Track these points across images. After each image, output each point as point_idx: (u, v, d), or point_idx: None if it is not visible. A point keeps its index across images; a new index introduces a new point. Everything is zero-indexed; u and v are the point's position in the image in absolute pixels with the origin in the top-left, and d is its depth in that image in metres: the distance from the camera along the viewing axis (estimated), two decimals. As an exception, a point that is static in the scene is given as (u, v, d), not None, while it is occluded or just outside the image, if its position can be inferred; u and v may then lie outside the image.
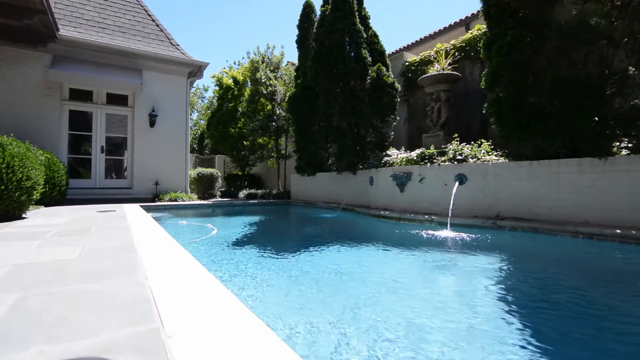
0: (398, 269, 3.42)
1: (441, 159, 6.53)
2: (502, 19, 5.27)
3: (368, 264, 3.63)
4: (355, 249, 4.33)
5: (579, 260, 3.93)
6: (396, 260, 3.77)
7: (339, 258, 3.86)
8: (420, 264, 3.56)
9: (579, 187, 4.97)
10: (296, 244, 4.87)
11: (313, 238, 5.43)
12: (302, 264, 3.56)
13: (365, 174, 8.67)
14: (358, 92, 8.34)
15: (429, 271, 3.31)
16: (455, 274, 3.25)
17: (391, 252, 4.20)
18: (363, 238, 5.36)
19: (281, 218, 8.67)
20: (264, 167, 17.61)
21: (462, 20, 10.80)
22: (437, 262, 3.61)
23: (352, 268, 3.42)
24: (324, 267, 3.43)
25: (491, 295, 2.66)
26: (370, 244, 4.62)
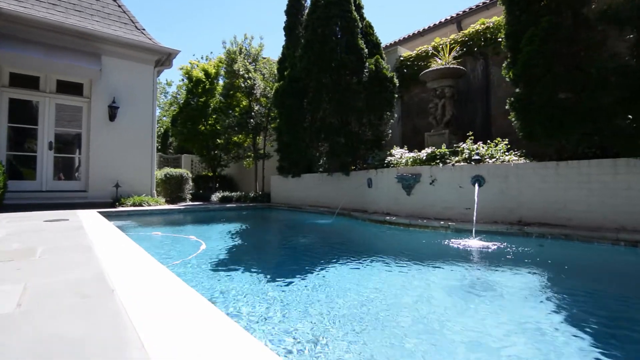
0: (441, 298, 2.62)
1: (455, 159, 5.96)
2: (531, 5, 4.78)
3: (400, 291, 2.80)
4: (371, 267, 3.53)
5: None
6: (432, 283, 3.03)
7: (370, 281, 3.06)
8: (466, 288, 2.83)
9: (613, 189, 4.57)
10: (309, 263, 3.99)
11: (321, 253, 4.58)
12: (322, 293, 2.72)
13: (361, 176, 7.96)
14: (354, 85, 7.62)
15: (484, 301, 2.60)
16: (516, 301, 2.57)
17: (421, 270, 3.45)
18: (376, 251, 4.60)
19: (271, 226, 7.71)
20: (237, 167, 16.39)
21: (452, 17, 10.50)
22: (488, 286, 2.92)
23: (387, 301, 2.63)
24: (361, 299, 2.61)
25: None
26: (388, 259, 3.81)
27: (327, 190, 9.16)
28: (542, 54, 4.47)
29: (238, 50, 11.97)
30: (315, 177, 9.64)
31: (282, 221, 8.14)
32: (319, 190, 9.43)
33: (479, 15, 9.58)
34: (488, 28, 7.42)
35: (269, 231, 6.76)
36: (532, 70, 4.61)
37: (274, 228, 7.12)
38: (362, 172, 7.92)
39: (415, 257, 3.93)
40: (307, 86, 8.37)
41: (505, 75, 5.26)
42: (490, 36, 7.38)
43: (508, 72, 5.22)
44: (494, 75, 7.50)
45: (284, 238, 5.72)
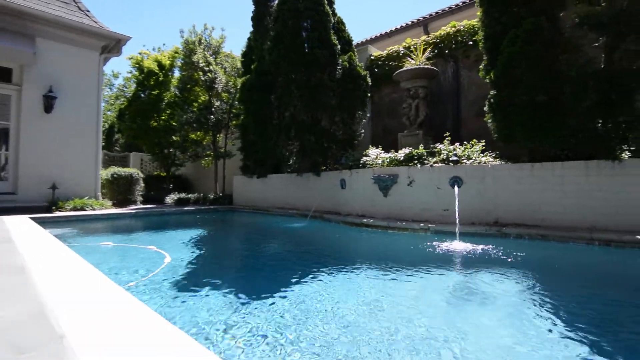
0: (445, 313, 2.36)
1: (432, 160, 5.88)
2: (511, 7, 4.80)
3: (394, 309, 2.42)
4: (360, 276, 3.23)
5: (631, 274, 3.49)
6: (430, 293, 2.80)
7: (359, 295, 2.74)
8: (463, 299, 2.64)
9: (586, 191, 4.72)
10: (289, 274, 3.56)
11: (300, 263, 4.17)
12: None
13: (333, 176, 7.67)
14: (327, 82, 7.31)
15: (498, 314, 2.42)
16: (526, 310, 2.42)
17: (414, 278, 3.21)
18: (359, 258, 4.27)
19: (240, 232, 7.11)
20: (194, 167, 15.33)
21: (419, 20, 10.64)
22: (494, 297, 2.75)
23: (385, 319, 2.33)
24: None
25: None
26: (374, 268, 3.49)
27: (296, 192, 8.75)
28: (524, 55, 4.49)
29: (197, 41, 11.10)
30: (283, 178, 9.18)
31: (251, 226, 7.58)
32: (288, 192, 8.99)
33: (445, 20, 9.80)
34: (459, 31, 7.53)
35: (240, 238, 6.19)
36: (513, 71, 4.63)
37: (244, 234, 6.56)
38: (335, 172, 7.63)
39: (402, 264, 3.67)
40: (276, 81, 7.90)
41: (485, 77, 5.26)
42: (461, 39, 7.49)
43: (487, 73, 5.23)
44: (464, 78, 7.63)
45: (258, 246, 5.21)
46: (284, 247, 5.11)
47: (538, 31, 4.38)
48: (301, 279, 3.11)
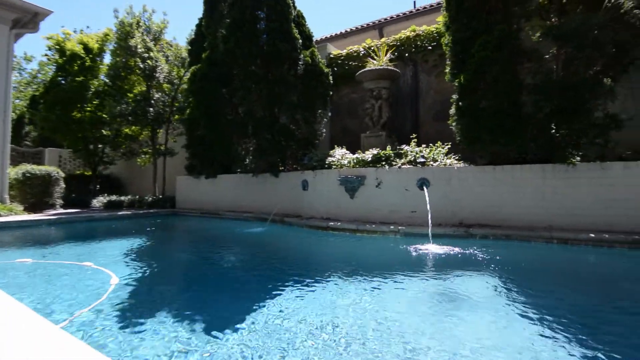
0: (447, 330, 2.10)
1: (400, 162, 5.82)
2: (480, 13, 4.92)
3: (380, 328, 2.07)
4: (337, 287, 2.92)
5: (601, 271, 3.70)
6: (423, 306, 2.63)
7: (347, 311, 2.44)
8: (454, 310, 2.51)
9: (542, 192, 5.01)
10: (268, 285, 3.10)
11: (273, 272, 3.73)
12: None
13: (294, 177, 7.26)
14: (290, 77, 6.88)
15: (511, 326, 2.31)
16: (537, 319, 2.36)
17: (401, 285, 3.03)
18: (332, 264, 4.00)
19: (191, 238, 6.31)
20: (127, 166, 13.68)
21: (375, 23, 10.73)
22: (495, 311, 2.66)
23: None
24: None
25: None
26: (351, 276, 3.23)
27: (251, 194, 8.15)
28: (495, 60, 4.61)
29: (135, 23, 9.80)
30: (236, 179, 8.50)
31: (203, 232, 6.82)
32: (241, 194, 8.34)
33: (400, 24, 10.01)
34: (418, 36, 7.67)
35: (193, 247, 5.43)
36: (484, 75, 4.72)
37: (197, 242, 5.81)
38: (296, 173, 7.23)
39: (381, 270, 3.44)
40: (231, 72, 7.24)
41: (453, 80, 5.30)
42: (420, 44, 7.64)
43: (455, 77, 5.28)
44: (423, 82, 7.80)
45: (216, 256, 4.58)
46: (245, 256, 4.57)
47: (507, 38, 4.52)
48: (267, 294, 2.68)
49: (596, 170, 4.67)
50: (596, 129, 4.37)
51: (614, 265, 3.93)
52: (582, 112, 4.30)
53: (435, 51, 7.48)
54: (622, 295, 2.92)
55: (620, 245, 4.23)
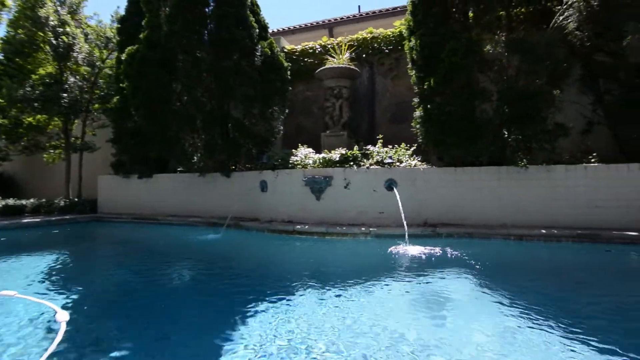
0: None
1: (368, 162, 5.74)
2: (448, 20, 5.09)
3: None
4: (322, 302, 2.65)
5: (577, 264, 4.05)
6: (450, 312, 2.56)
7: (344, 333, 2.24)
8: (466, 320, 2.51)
9: (498, 192, 5.40)
10: (238, 305, 2.63)
11: (243, 288, 3.24)
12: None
13: (250, 177, 6.70)
14: (247, 68, 6.30)
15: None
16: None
17: (404, 288, 2.93)
18: (307, 273, 3.64)
19: (136, 251, 5.27)
20: (27, 163, 11.30)
21: (325, 22, 10.60)
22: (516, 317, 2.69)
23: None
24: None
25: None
26: (333, 286, 2.97)
27: (198, 196, 7.31)
28: (463, 67, 4.80)
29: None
30: (179, 179, 7.55)
31: (145, 243, 5.84)
32: (187, 196, 7.43)
33: (350, 26, 10.08)
34: (375, 38, 7.75)
35: (143, 264, 4.48)
36: (452, 82, 4.88)
37: (145, 256, 4.85)
38: (252, 173, 6.68)
39: (367, 277, 3.27)
40: (176, 57, 6.37)
41: (422, 84, 5.38)
42: (377, 46, 7.72)
43: (422, 81, 5.38)
44: (379, 84, 7.90)
45: (175, 275, 3.82)
46: (205, 272, 3.90)
47: (473, 47, 4.74)
48: (237, 326, 2.21)
49: (543, 172, 5.18)
50: (546, 135, 4.84)
51: (564, 257, 4.38)
52: (538, 120, 4.72)
53: (392, 55, 7.66)
54: (577, 281, 3.31)
55: (566, 239, 4.74)
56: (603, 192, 4.96)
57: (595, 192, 4.98)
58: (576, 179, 5.06)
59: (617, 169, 4.92)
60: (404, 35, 7.41)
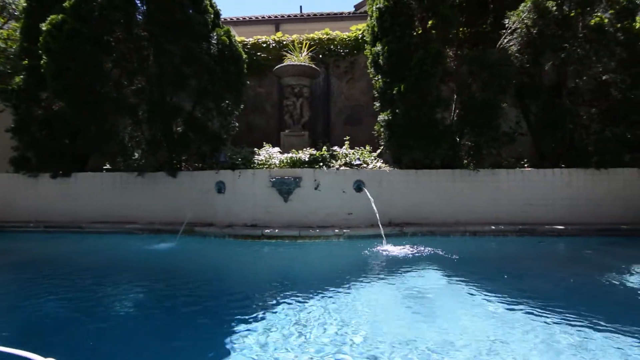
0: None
1: (337, 163, 5.70)
2: (415, 30, 5.38)
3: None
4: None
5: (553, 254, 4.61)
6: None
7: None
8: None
9: (452, 193, 5.90)
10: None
11: (215, 315, 2.87)
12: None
13: (203, 178, 6.03)
14: (202, 56, 5.64)
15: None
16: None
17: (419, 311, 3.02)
18: (298, 285, 3.26)
19: (58, 271, 4.20)
20: None
21: (271, 18, 10.17)
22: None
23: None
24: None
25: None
26: (335, 293, 2.86)
27: (135, 198, 6.29)
28: (431, 75, 5.11)
29: None
30: (109, 179, 6.40)
31: (75, 256, 4.76)
32: (120, 199, 6.33)
33: (297, 25, 9.91)
34: (332, 40, 7.75)
35: (79, 283, 3.60)
36: (420, 89, 5.16)
37: (78, 274, 3.90)
38: (205, 173, 6.04)
39: (375, 277, 3.30)
40: (113, 35, 5.37)
41: (390, 90, 5.54)
42: (334, 48, 7.74)
43: (389, 86, 5.56)
44: (334, 86, 7.93)
45: (136, 301, 3.11)
46: (168, 293, 3.17)
47: (441, 58, 5.10)
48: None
49: (489, 175, 5.85)
50: (496, 142, 5.48)
51: (511, 248, 5.00)
52: (492, 128, 5.30)
53: (347, 58, 7.77)
54: (528, 267, 4.00)
55: (511, 233, 5.43)
56: (534, 193, 5.83)
57: (528, 193, 5.82)
58: (515, 182, 5.85)
59: (544, 173, 5.83)
60: (359, 40, 7.70)
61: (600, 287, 3.18)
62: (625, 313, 2.49)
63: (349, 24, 9.91)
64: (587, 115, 5.82)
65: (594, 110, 5.84)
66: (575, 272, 3.72)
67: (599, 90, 5.83)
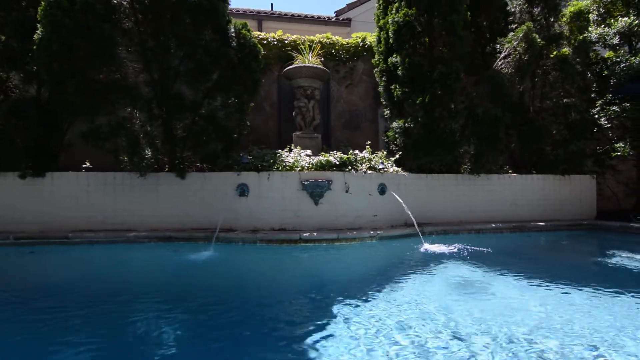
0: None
1: (363, 167, 5.86)
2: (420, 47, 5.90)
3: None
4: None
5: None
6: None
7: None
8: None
9: (456, 195, 6.58)
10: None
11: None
12: None
13: (217, 180, 5.58)
14: (224, 48, 5.22)
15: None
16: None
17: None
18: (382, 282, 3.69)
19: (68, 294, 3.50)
20: None
21: (253, 13, 9.66)
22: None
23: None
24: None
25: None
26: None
27: (133, 203, 5.51)
28: (453, 91, 5.65)
29: None
30: (98, 180, 5.47)
31: (118, 274, 4.00)
32: (114, 202, 5.47)
33: (280, 24, 9.69)
34: (332, 44, 7.83)
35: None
36: (441, 102, 5.68)
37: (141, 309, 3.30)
38: (222, 174, 5.60)
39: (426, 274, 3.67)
40: (119, 11, 4.64)
41: (409, 99, 5.92)
42: (334, 53, 7.83)
43: (411, 96, 5.95)
44: (334, 90, 8.02)
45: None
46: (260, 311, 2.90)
47: (455, 75, 5.65)
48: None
49: (485, 180, 6.67)
50: (496, 152, 6.30)
51: (514, 242, 5.82)
52: (496, 139, 6.09)
53: (347, 64, 7.96)
54: (530, 256, 4.93)
55: (506, 230, 6.29)
56: (518, 195, 6.85)
57: (514, 195, 6.81)
58: (504, 185, 6.78)
59: (525, 178, 6.89)
60: (359, 48, 8.00)
61: (587, 265, 4.37)
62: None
63: (331, 29, 10.14)
64: (556, 131, 7.06)
65: (560, 127, 7.11)
66: (563, 256, 5.03)
67: (561, 110, 7.13)
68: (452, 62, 5.68)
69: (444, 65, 5.69)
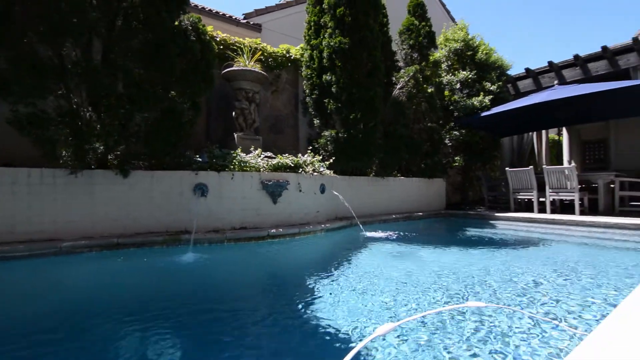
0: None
1: (310, 169, 6.59)
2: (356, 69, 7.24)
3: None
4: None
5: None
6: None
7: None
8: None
9: (369, 193, 8.15)
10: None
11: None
12: None
13: (169, 179, 5.19)
14: (189, 35, 4.91)
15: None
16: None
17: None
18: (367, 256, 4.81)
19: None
20: None
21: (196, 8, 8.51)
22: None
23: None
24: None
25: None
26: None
27: (57, 206, 4.51)
28: (377, 111, 7.10)
29: None
30: (8, 177, 4.23)
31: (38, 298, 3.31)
32: (29, 207, 4.32)
33: (210, 20, 9.08)
34: (263, 51, 8.06)
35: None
36: (369, 119, 7.06)
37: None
38: (176, 173, 5.25)
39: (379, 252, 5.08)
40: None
41: (346, 115, 7.06)
42: (263, 60, 8.09)
43: (340, 112, 7.11)
44: (261, 94, 8.25)
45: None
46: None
47: (379, 98, 7.19)
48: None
49: (386, 181, 8.52)
50: (400, 160, 8.20)
51: (413, 227, 7.81)
52: (402, 150, 7.93)
53: (274, 71, 8.38)
54: (431, 234, 6.75)
55: (402, 219, 8.29)
56: (405, 193, 9.03)
57: (403, 193, 8.96)
58: (398, 186, 8.83)
59: (411, 181, 9.15)
60: (284, 57, 8.63)
61: (456, 236, 6.56)
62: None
63: (242, 31, 10.29)
64: (426, 147, 9.65)
65: (427, 144, 9.76)
66: (442, 233, 7.28)
67: (426, 132, 9.81)
68: (376, 88, 7.15)
69: (369, 90, 7.10)
